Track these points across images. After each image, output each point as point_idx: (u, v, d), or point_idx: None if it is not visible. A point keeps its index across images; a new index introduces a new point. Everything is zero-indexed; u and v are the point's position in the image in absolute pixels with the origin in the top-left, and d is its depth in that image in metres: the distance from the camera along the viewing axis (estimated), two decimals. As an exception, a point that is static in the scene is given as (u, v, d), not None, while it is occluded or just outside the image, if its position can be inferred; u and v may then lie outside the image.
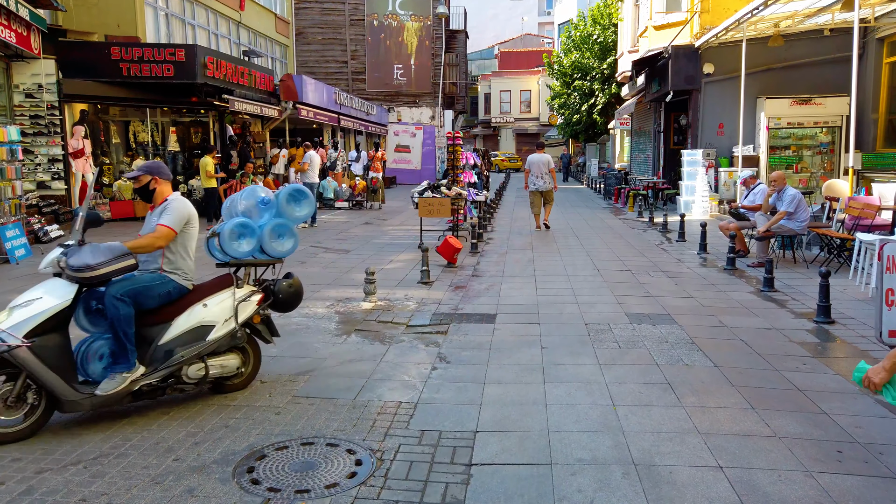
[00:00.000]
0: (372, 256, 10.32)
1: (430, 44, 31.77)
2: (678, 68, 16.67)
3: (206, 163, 13.13)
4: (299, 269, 8.95)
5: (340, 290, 7.77)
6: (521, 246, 11.45)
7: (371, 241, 12.14)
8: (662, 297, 7.33)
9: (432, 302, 7.22)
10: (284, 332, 5.91)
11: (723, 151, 16.79)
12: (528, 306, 6.95)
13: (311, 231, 13.50)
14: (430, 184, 11.52)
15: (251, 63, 17.63)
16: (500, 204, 19.65)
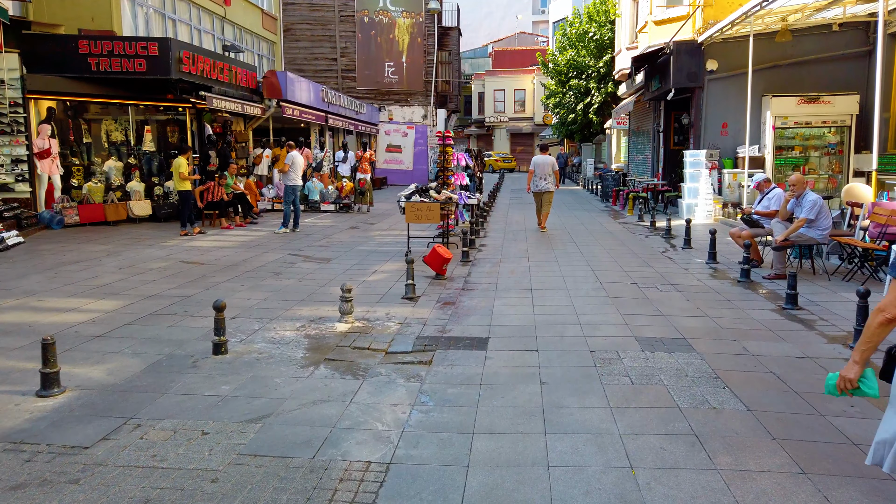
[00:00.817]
0: (354, 266, 9.50)
1: (422, 41, 30.96)
2: (680, 65, 15.91)
3: (179, 164, 12.27)
4: (272, 282, 8.14)
5: (315, 308, 6.94)
6: (516, 254, 10.66)
7: (355, 247, 11.32)
8: (674, 316, 6.54)
9: (417, 322, 6.41)
10: (241, 362, 5.10)
11: (726, 152, 16.06)
12: (524, 328, 6.15)
13: (293, 237, 12.67)
14: (419, 187, 10.71)
15: (231, 58, 16.77)
16: (493, 207, 18.85)
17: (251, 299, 7.33)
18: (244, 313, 6.70)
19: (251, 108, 17.03)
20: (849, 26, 15.12)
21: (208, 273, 8.86)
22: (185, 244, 11.46)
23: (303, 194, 17.56)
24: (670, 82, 16.05)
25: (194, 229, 12.67)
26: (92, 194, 13.99)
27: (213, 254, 10.49)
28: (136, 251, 10.63)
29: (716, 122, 16.10)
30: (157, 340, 5.75)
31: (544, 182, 13.40)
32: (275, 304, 7.13)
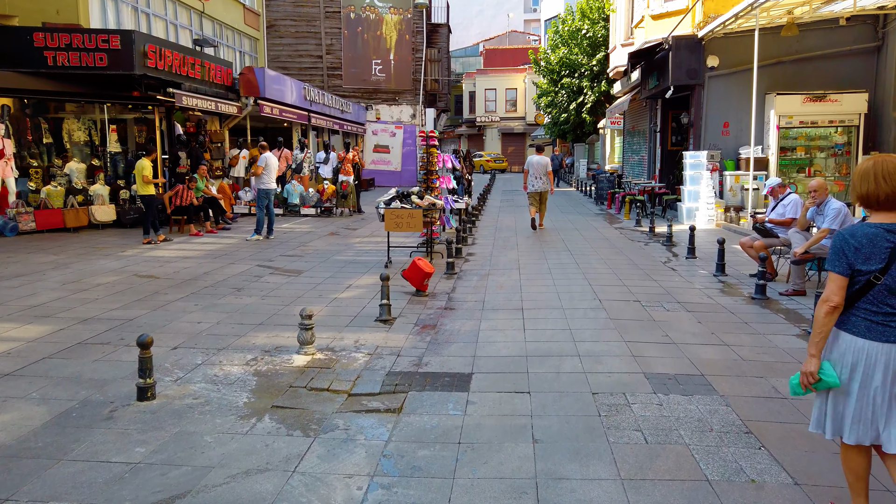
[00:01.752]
0: (327, 280, 8.58)
1: (410, 38, 30.05)
2: (679, 61, 15.09)
3: (142, 166, 11.31)
4: (230, 301, 7.21)
5: (273, 334, 6.03)
6: (506, 264, 9.77)
7: (331, 257, 10.40)
8: (687, 343, 5.67)
9: (389, 352, 5.50)
10: (169, 412, 4.18)
11: (728, 153, 15.25)
12: (514, 361, 5.26)
13: (265, 245, 11.73)
14: (400, 191, 9.80)
15: (203, 53, 15.80)
16: (483, 210, 17.97)
17: (202, 323, 6.40)
18: (189, 342, 5.77)
19: (226, 106, 16.07)
20: (857, 20, 14.33)
21: (162, 289, 7.92)
22: (145, 254, 10.51)
23: (282, 197, 16.62)
24: (669, 79, 15.22)
25: (159, 237, 11.72)
26: (51, 198, 12.99)
27: (173, 265, 9.55)
28: (88, 262, 9.67)
29: (717, 121, 15.29)
30: (75, 380, 4.81)
31: (540, 182, 13.71)
32: (228, 328, 6.21)
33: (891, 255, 2.64)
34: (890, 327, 2.66)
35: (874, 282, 2.65)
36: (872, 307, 2.69)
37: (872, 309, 2.69)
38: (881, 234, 2.67)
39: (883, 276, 2.65)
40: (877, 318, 2.68)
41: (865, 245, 2.68)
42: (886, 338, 2.67)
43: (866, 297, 2.70)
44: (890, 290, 2.65)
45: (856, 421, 2.74)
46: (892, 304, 2.67)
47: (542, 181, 13.65)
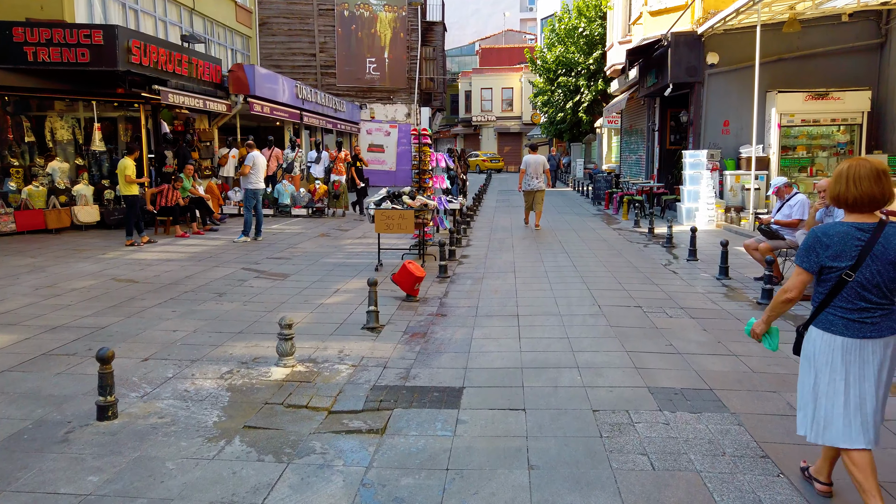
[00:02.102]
0: (314, 284, 8.21)
1: (405, 36, 29.67)
2: (678, 58, 14.76)
3: (125, 166, 10.92)
4: (211, 307, 6.84)
5: (252, 344, 5.66)
6: (501, 267, 9.42)
7: (320, 259, 10.03)
8: (692, 354, 5.32)
9: (375, 364, 5.15)
10: (131, 433, 3.82)
11: (728, 152, 14.93)
12: (508, 373, 4.91)
13: (253, 246, 11.36)
14: (391, 192, 9.44)
15: (191, 50, 15.41)
16: (478, 211, 17.61)
17: (177, 331, 6.02)
18: (162, 352, 5.40)
19: (215, 104, 15.68)
20: (859, 16, 14.05)
21: (139, 294, 7.55)
22: (126, 256, 10.12)
23: (272, 198, 16.25)
24: (668, 77, 14.89)
25: (142, 238, 11.33)
26: (32, 199, 12.60)
27: (154, 269, 9.16)
28: (66, 266, 9.28)
29: (717, 119, 14.97)
30: (33, 397, 4.44)
31: (536, 181, 13.63)
32: (205, 337, 5.84)
33: (861, 253, 2.73)
34: (865, 324, 2.77)
35: (846, 279, 2.75)
36: (847, 304, 2.79)
37: (847, 307, 2.79)
38: (852, 232, 2.77)
39: (854, 273, 2.75)
40: (852, 315, 2.79)
41: (836, 243, 2.77)
42: (857, 332, 2.79)
43: (840, 296, 2.79)
44: (862, 287, 2.75)
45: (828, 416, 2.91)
46: (866, 300, 2.76)
47: (540, 180, 13.64)
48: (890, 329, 2.79)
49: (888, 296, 2.79)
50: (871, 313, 2.78)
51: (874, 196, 2.77)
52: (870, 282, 2.75)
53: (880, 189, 2.77)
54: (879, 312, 2.79)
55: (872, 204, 2.79)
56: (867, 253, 2.74)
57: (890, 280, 2.75)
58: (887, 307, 2.80)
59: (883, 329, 2.79)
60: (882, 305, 2.79)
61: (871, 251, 2.74)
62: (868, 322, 2.78)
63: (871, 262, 2.74)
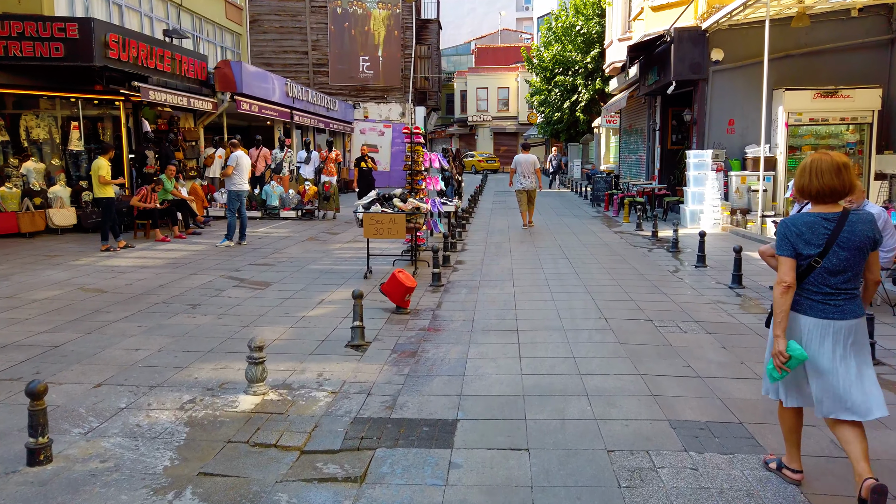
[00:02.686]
0: (297, 294, 7.62)
1: (399, 34, 29.06)
2: (682, 55, 14.21)
3: (98, 166, 10.30)
4: (182, 321, 6.23)
5: (221, 365, 5.07)
6: (499, 274, 8.84)
7: (306, 266, 9.44)
8: (715, 377, 4.75)
9: (358, 390, 4.56)
10: (63, 483, 3.23)
11: (733, 152, 14.40)
12: (508, 402, 4.33)
13: (236, 251, 10.75)
14: (381, 194, 8.85)
15: (174, 45, 14.79)
16: (474, 213, 17.04)
17: (140, 350, 5.43)
18: (119, 376, 4.80)
19: (200, 102, 15.07)
20: (869, 11, 13.53)
21: (106, 306, 6.94)
22: (99, 263, 9.50)
23: (260, 199, 15.64)
24: (671, 74, 14.34)
25: (119, 243, 10.72)
26: (5, 201, 11.96)
27: (127, 276, 8.55)
28: (33, 273, 8.66)
29: (721, 118, 14.44)
30: (-42, 434, 3.84)
31: (527, 180, 13.69)
32: (169, 357, 5.24)
33: (827, 241, 2.91)
34: (829, 305, 2.95)
35: (814, 265, 2.92)
36: (814, 288, 2.97)
37: (814, 290, 2.97)
38: (819, 221, 2.94)
39: (822, 260, 2.92)
40: (818, 297, 2.97)
41: (805, 231, 2.94)
42: (825, 314, 2.95)
43: (808, 280, 2.97)
44: (829, 272, 2.92)
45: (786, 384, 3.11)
46: (831, 285, 2.94)
47: (531, 179, 13.68)
48: (853, 313, 2.97)
49: (852, 280, 2.96)
50: (836, 297, 2.96)
51: (835, 188, 2.94)
52: (836, 267, 2.93)
53: (841, 181, 2.93)
54: (843, 297, 2.96)
55: (834, 195, 2.96)
56: (833, 241, 2.90)
57: (855, 265, 2.93)
58: (851, 292, 2.97)
59: (846, 312, 2.96)
60: (846, 290, 2.96)
61: (837, 239, 2.90)
62: (831, 304, 2.96)
63: (838, 249, 2.91)
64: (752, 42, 13.99)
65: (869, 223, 2.96)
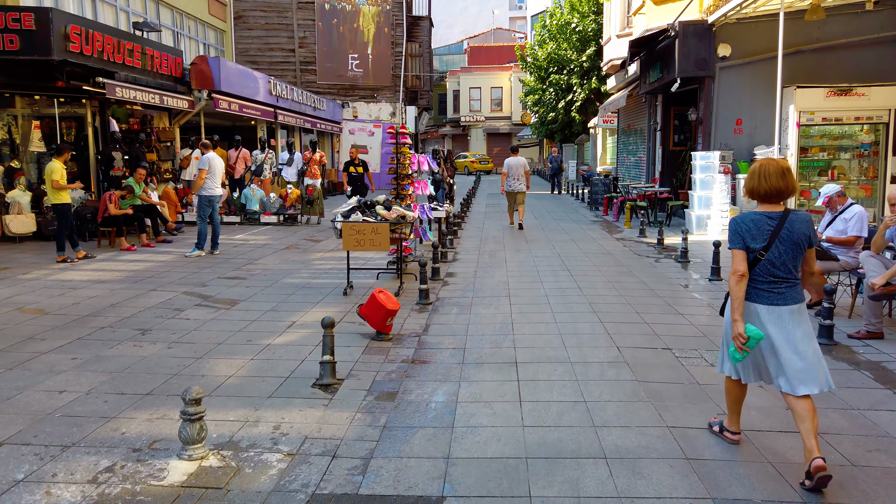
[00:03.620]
0: (266, 315, 6.72)
1: (389, 31, 28.17)
2: (686, 50, 13.40)
3: (52, 170, 9.37)
4: (125, 351, 5.26)
5: (158, 414, 4.17)
6: (493, 289, 7.98)
7: (281, 279, 8.54)
8: (760, 432, 3.90)
9: (321, 450, 3.68)
10: None
11: (741, 153, 13.60)
12: (508, 468, 3.46)
13: (207, 261, 9.83)
14: (362, 201, 7.95)
15: (145, 39, 13.85)
16: (466, 218, 16.16)
17: (65, 392, 4.52)
18: (27, 432, 3.90)
19: (174, 100, 14.13)
20: (885, 4, 12.76)
21: (42, 331, 6.02)
22: (51, 277, 8.57)
23: (239, 204, 14.71)
24: (675, 71, 13.52)
25: (78, 253, 9.78)
26: (-42, 207, 11.00)
27: (77, 293, 7.63)
28: (-29, 290, 7.72)
29: (728, 117, 13.63)
30: None
31: (517, 183, 13.94)
32: (98, 403, 4.34)
33: (771, 236, 3.32)
34: (774, 293, 3.36)
35: (760, 258, 3.35)
36: (760, 278, 3.38)
37: (761, 279, 3.38)
38: (763, 219, 3.36)
39: (766, 253, 3.34)
40: (764, 286, 3.38)
41: (752, 228, 3.36)
42: (771, 301, 3.37)
43: (755, 271, 3.38)
44: (772, 264, 3.34)
45: (745, 366, 3.54)
46: (774, 275, 3.35)
47: (520, 182, 13.95)
48: (794, 299, 3.35)
49: (793, 272, 3.34)
50: (779, 286, 3.33)
51: (780, 189, 3.32)
52: (778, 259, 3.30)
53: (785, 184, 3.31)
54: (785, 285, 3.34)
55: (779, 196, 3.33)
56: (776, 236, 3.29)
57: (794, 258, 3.32)
58: (793, 281, 3.35)
59: (789, 298, 3.34)
60: (787, 279, 3.34)
61: (779, 235, 3.29)
62: (776, 292, 3.33)
63: (779, 244, 3.29)
64: (761, 37, 13.20)
65: (806, 223, 3.36)
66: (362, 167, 13.89)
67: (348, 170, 13.89)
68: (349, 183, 14.04)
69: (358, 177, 13.88)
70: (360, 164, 13.87)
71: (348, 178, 14.02)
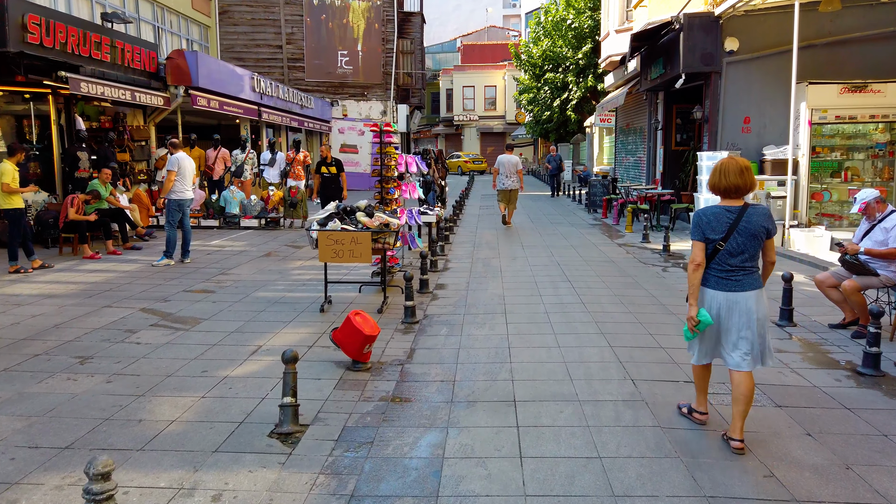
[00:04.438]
0: (229, 337, 5.91)
1: (380, 27, 27.35)
2: (692, 44, 12.64)
3: (2, 172, 8.50)
4: (60, 383, 4.35)
5: (71, 478, 3.35)
6: (487, 304, 7.19)
7: (254, 293, 7.73)
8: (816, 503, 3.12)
9: (269, 533, 2.88)
10: None
11: (749, 153, 12.83)
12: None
13: (175, 271, 9.01)
14: (341, 207, 7.13)
15: (114, 31, 12.99)
16: (459, 221, 15.37)
17: (-36, 448, 3.70)
18: None
19: (147, 96, 13.27)
20: (902, -5, 12.04)
21: (-35, 361, 5.19)
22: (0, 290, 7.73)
23: (218, 206, 13.86)
24: (679, 66, 12.76)
25: (33, 262, 8.94)
26: None
27: (21, 311, 6.79)
28: None
29: (736, 115, 12.88)
30: None
31: (509, 180, 13.98)
32: (2, 462, 3.52)
33: (729, 228, 3.60)
34: (731, 280, 3.64)
35: (718, 248, 3.63)
36: (718, 266, 3.67)
37: (718, 268, 3.67)
38: (723, 212, 3.65)
39: (725, 244, 3.62)
40: (721, 274, 3.67)
41: (713, 220, 3.64)
42: (727, 287, 3.65)
43: (715, 260, 3.67)
44: (729, 254, 3.62)
45: (710, 349, 3.85)
46: (730, 264, 3.63)
47: (513, 180, 13.96)
48: (751, 286, 3.65)
49: (749, 261, 3.64)
50: (736, 273, 3.64)
51: (738, 186, 3.64)
52: (735, 250, 3.61)
53: (743, 181, 3.63)
54: (742, 273, 3.64)
55: (738, 192, 3.65)
56: (734, 228, 3.60)
57: (751, 248, 3.61)
58: (749, 269, 3.65)
59: (745, 285, 3.64)
60: (744, 268, 3.64)
61: (737, 227, 3.60)
62: (733, 280, 3.64)
63: (737, 235, 3.60)
64: (770, 30, 12.47)
65: (764, 216, 3.62)
66: (336, 167, 12.03)
67: (320, 170, 12.07)
68: (321, 187, 12.03)
69: (331, 178, 12.03)
70: (332, 164, 12.04)
71: (320, 181, 12.08)
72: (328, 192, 11.86)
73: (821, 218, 12.54)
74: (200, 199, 14.14)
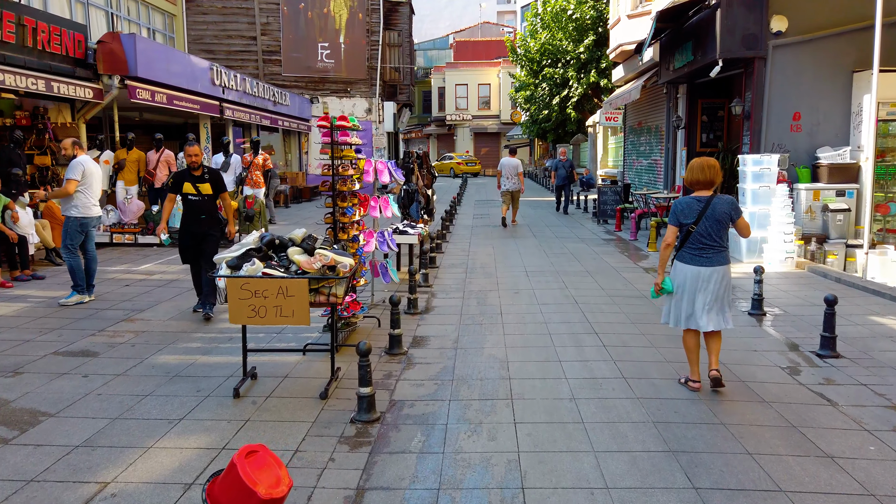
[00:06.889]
0: (78, 451, 3.62)
1: (364, 17, 25.10)
2: (731, 23, 10.45)
3: None
4: None
5: None
6: (485, 377, 4.92)
7: (154, 355, 5.44)
8: None
9: None
10: None
11: (799, 156, 10.68)
12: None
13: (65, 314, 6.69)
14: (266, 238, 4.80)
15: (24, 6, 10.66)
16: (449, 237, 13.09)
17: None
18: None
19: (70, 87, 10.94)
20: None
21: None
22: None
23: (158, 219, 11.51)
24: (715, 51, 10.56)
25: None
26: None
27: None
28: None
29: (783, 110, 10.70)
30: None
31: (510, 182, 14.46)
32: None
33: (699, 214, 4.44)
34: (701, 257, 4.48)
35: (691, 230, 4.47)
36: (692, 245, 4.51)
37: (692, 247, 4.52)
38: (693, 202, 4.50)
39: (696, 227, 4.46)
40: (694, 251, 4.51)
41: (686, 209, 4.50)
42: (699, 263, 4.49)
43: (688, 240, 4.51)
44: (701, 235, 4.46)
45: (685, 315, 4.59)
46: (701, 244, 4.47)
47: (514, 181, 14.44)
48: (719, 262, 4.49)
49: (717, 241, 4.47)
50: (706, 252, 4.47)
51: (701, 180, 4.51)
52: (705, 232, 4.45)
53: (704, 176, 4.49)
54: (711, 251, 4.47)
55: (705, 185, 4.52)
56: (702, 215, 4.43)
57: (716, 231, 4.45)
58: (718, 248, 4.48)
59: (714, 262, 4.47)
60: (713, 247, 4.47)
61: (705, 214, 4.43)
62: (704, 257, 4.47)
63: (706, 220, 4.44)
64: (825, 6, 10.33)
65: (728, 204, 4.50)
66: (210, 184, 6.58)
67: (181, 190, 6.54)
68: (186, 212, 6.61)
69: (201, 202, 6.61)
70: (204, 179, 6.58)
71: (184, 205, 6.63)
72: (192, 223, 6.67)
73: (885, 234, 10.38)
74: (139, 210, 11.85)
